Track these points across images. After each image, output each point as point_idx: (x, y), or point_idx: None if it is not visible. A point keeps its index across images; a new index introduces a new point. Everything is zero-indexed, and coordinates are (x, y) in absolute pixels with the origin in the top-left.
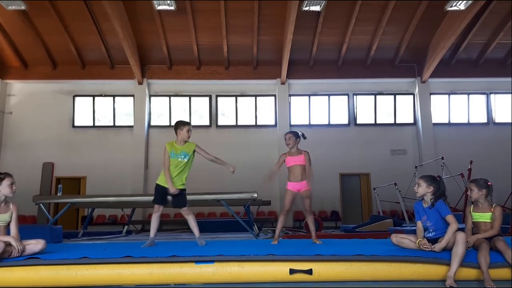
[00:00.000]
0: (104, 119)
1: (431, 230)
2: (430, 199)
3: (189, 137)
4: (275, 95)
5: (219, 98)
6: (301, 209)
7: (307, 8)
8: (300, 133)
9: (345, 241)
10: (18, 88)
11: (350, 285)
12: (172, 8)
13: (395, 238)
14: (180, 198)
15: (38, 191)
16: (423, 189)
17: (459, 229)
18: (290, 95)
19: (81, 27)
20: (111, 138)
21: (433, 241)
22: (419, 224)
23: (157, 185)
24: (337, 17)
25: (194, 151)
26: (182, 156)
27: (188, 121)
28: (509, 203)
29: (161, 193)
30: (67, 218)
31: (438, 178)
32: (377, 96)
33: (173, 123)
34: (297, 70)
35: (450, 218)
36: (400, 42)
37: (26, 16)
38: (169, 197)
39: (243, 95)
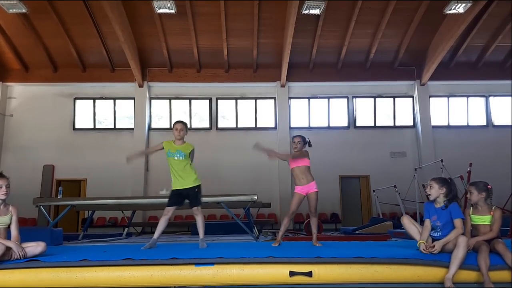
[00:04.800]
0: (104, 122)
1: (439, 230)
2: (444, 201)
3: (178, 135)
4: (275, 98)
5: (219, 101)
6: (302, 212)
7: (306, 11)
8: (307, 140)
9: (345, 243)
10: (18, 90)
11: (350, 287)
12: (173, 11)
13: (407, 220)
14: (193, 196)
15: (38, 194)
16: (436, 191)
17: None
18: (290, 98)
19: (82, 30)
20: (112, 140)
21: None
22: (428, 222)
23: (172, 190)
24: (337, 20)
25: (190, 154)
26: (178, 155)
27: (182, 120)
28: (508, 205)
29: (174, 197)
30: (68, 220)
31: (450, 180)
32: (377, 99)
33: (172, 127)
34: (296, 73)
35: (458, 222)
36: (399, 45)
37: (27, 19)
38: (186, 200)
39: (243, 98)
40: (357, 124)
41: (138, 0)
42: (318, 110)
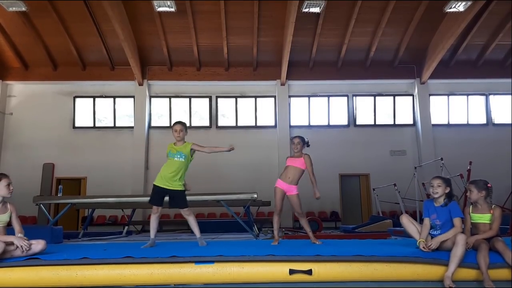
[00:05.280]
0: (104, 120)
1: (438, 228)
2: (444, 199)
3: (178, 136)
4: (275, 96)
5: (219, 99)
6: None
7: (306, 10)
8: (306, 140)
9: (344, 241)
10: (18, 89)
11: (350, 285)
12: (173, 9)
13: (406, 219)
14: (179, 199)
15: (38, 192)
16: (443, 190)
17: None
18: (289, 96)
19: (82, 29)
20: (112, 139)
21: None
22: (427, 220)
23: (154, 186)
24: (337, 19)
25: (191, 150)
26: (178, 156)
27: (181, 121)
28: (508, 204)
29: (157, 194)
30: (68, 218)
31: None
32: (377, 97)
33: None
34: (296, 71)
35: (457, 221)
36: (400, 43)
37: (26, 17)
38: (166, 198)
39: (243, 96)
40: (357, 123)
41: None
42: (318, 108)
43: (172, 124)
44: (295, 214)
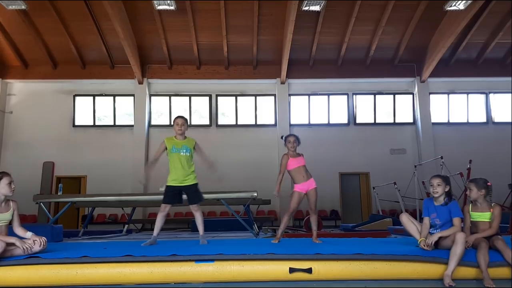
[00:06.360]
0: (104, 119)
1: (438, 227)
2: (444, 198)
3: (179, 130)
4: (275, 95)
5: (219, 98)
6: (301, 209)
7: (306, 8)
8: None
9: (344, 240)
10: (18, 87)
11: (350, 284)
12: (172, 8)
13: (406, 218)
14: (195, 194)
15: (38, 191)
16: (443, 189)
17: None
18: (289, 95)
19: (82, 27)
20: (112, 137)
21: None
22: (426, 220)
23: (168, 186)
24: (337, 17)
25: (194, 148)
26: (184, 150)
27: (183, 115)
28: (508, 202)
29: (171, 194)
30: (68, 217)
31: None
32: (377, 96)
33: (173, 123)
34: (296, 69)
35: (457, 220)
36: (400, 42)
37: (26, 15)
38: (184, 196)
39: (243, 95)
40: (357, 121)
41: None
42: (318, 107)
43: (174, 118)
44: (308, 210)
